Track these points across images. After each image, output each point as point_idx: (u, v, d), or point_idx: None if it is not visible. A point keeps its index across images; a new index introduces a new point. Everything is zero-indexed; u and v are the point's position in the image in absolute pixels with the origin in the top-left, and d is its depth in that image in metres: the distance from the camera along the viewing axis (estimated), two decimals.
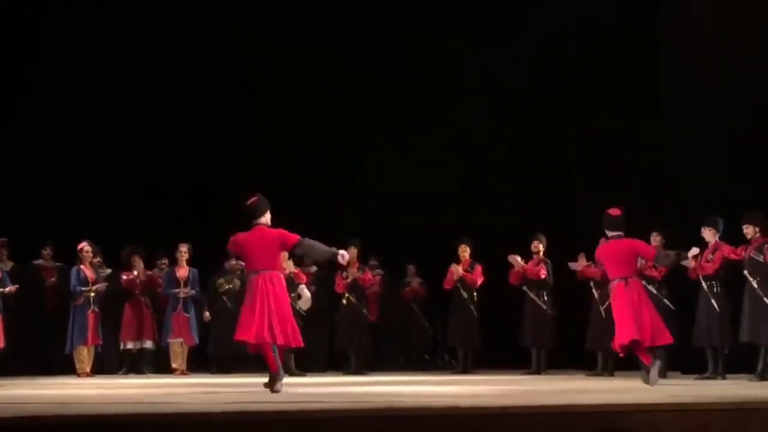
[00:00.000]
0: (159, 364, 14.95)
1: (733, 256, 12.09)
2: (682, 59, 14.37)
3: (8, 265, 14.36)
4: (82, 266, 14.19)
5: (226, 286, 15.05)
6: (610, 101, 15.37)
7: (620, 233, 10.84)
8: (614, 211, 10.95)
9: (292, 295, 14.22)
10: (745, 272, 11.94)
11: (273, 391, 9.33)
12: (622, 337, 10.54)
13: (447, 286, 14.69)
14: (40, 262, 14.96)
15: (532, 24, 16.28)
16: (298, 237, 9.83)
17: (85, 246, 14.20)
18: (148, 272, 14.97)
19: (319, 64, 16.78)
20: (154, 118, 16.30)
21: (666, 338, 10.77)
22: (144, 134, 16.29)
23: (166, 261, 15.13)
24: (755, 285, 11.84)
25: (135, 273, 14.86)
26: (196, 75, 16.50)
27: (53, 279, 14.86)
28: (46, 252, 14.93)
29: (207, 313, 14.91)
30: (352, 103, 16.71)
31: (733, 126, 13.82)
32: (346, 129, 16.69)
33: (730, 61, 13.92)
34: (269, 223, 9.84)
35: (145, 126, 16.30)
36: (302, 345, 9.80)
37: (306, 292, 14.25)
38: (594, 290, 13.57)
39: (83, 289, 14.10)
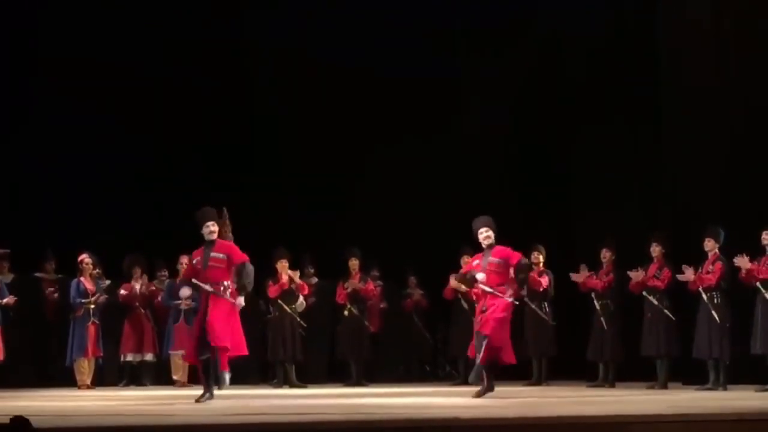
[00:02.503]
0: (160, 375, 14.92)
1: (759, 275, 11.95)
2: (681, 65, 14.38)
3: (9, 277, 14.34)
4: (81, 278, 14.16)
5: None
6: (608, 110, 15.38)
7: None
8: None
9: (293, 306, 14.26)
10: (758, 284, 11.90)
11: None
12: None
13: (447, 296, 14.68)
14: (41, 274, 14.92)
15: (530, 31, 16.31)
16: None
17: (85, 258, 14.18)
18: (152, 287, 14.93)
19: (318, 73, 16.77)
20: (155, 129, 16.30)
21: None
22: (145, 145, 16.28)
23: (166, 272, 15.10)
24: None
25: (134, 286, 14.83)
26: (198, 85, 16.50)
27: (54, 291, 14.82)
28: (49, 265, 14.90)
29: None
30: (352, 113, 16.71)
31: (732, 132, 13.82)
32: (346, 138, 16.68)
33: (728, 66, 13.93)
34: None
35: (147, 137, 16.29)
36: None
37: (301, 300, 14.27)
38: (595, 301, 13.56)
39: (83, 301, 14.07)
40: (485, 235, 11.05)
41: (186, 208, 15.83)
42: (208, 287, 10.10)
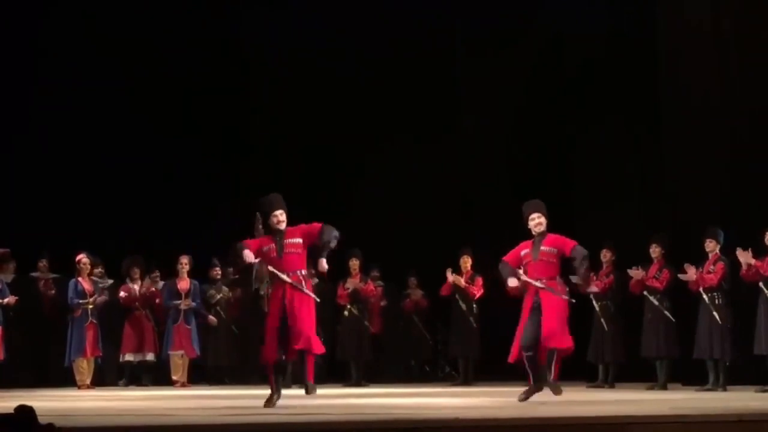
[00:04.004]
0: (159, 376, 14.91)
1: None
2: (680, 66, 14.39)
3: (9, 277, 14.32)
4: (79, 278, 14.13)
5: (218, 296, 15.06)
6: (608, 111, 15.39)
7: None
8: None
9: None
10: (761, 284, 11.89)
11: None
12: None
13: (443, 292, 14.64)
14: (37, 274, 14.91)
15: (530, 34, 16.32)
16: None
17: (82, 258, 14.14)
18: (150, 289, 14.87)
19: (319, 76, 16.78)
20: (153, 130, 16.30)
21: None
22: (143, 146, 16.28)
23: (157, 273, 15.01)
24: None
25: (133, 287, 14.81)
26: (198, 85, 16.52)
27: (52, 291, 14.80)
28: (42, 264, 14.87)
29: (211, 317, 14.88)
30: (352, 115, 16.72)
31: (733, 134, 13.83)
32: (346, 140, 16.69)
33: (728, 66, 13.94)
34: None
35: (145, 138, 16.29)
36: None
37: None
38: (595, 302, 13.57)
39: (81, 301, 14.04)
40: (537, 221, 10.01)
41: (186, 208, 16.02)
42: (286, 277, 9.24)
